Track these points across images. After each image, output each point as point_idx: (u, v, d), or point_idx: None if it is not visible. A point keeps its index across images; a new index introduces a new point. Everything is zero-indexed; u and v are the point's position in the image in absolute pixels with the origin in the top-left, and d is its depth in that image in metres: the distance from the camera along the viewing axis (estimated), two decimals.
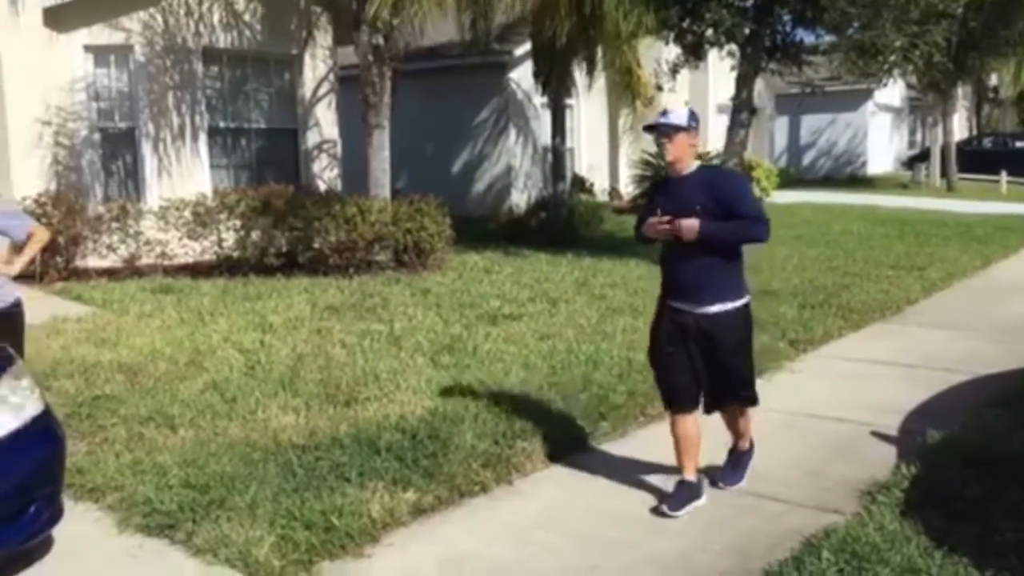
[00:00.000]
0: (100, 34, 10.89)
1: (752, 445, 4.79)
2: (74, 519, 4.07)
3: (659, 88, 15.11)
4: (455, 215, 11.78)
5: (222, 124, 12.00)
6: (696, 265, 4.29)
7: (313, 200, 11.11)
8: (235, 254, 10.79)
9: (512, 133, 17.66)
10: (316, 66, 12.70)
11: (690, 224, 4.19)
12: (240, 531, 3.99)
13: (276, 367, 6.57)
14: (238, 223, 10.78)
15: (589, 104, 19.40)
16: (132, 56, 11.09)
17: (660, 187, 4.63)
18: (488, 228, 14.96)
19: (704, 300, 4.31)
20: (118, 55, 11.11)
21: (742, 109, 11.45)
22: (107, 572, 3.83)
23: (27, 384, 3.87)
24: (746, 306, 4.42)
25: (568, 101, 16.57)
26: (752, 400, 4.61)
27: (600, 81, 17.34)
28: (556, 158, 15.66)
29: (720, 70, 17.55)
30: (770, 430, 5.65)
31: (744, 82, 11.47)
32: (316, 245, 10.89)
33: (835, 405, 6.08)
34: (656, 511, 4.38)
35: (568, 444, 5.20)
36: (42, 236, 4.99)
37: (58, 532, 3.94)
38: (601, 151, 20.62)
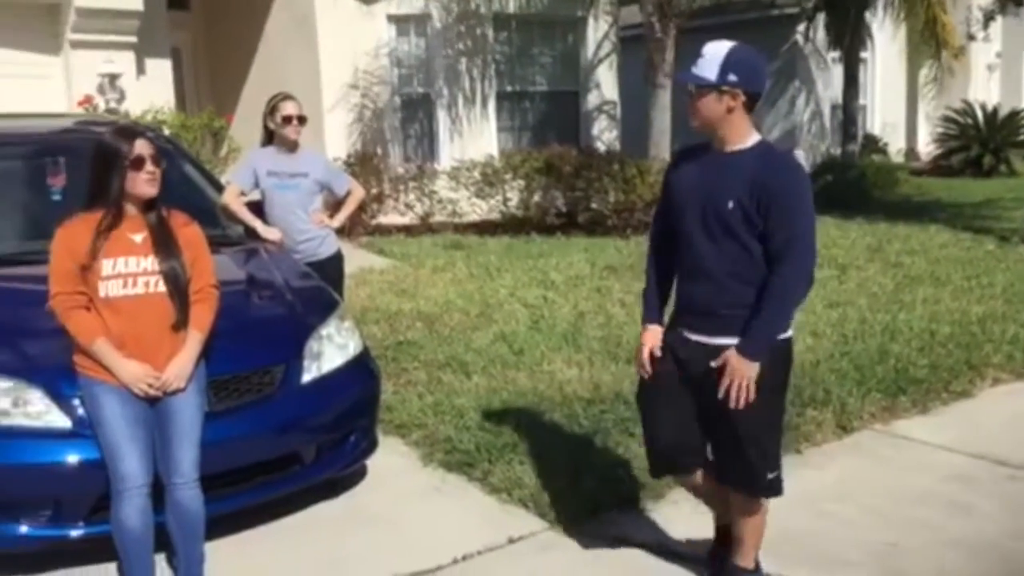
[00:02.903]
0: (402, 4, 11.61)
1: (759, 567, 3.28)
2: (383, 452, 4.42)
3: (971, 37, 13.77)
4: None
5: (508, 88, 12.42)
6: (720, 275, 2.93)
7: (593, 161, 11.25)
8: (519, 213, 11.20)
9: (798, 90, 16.85)
10: (599, 27, 12.79)
11: (736, 370, 2.88)
12: (531, 475, 4.18)
13: (559, 323, 6.76)
14: (522, 183, 11.16)
15: (885, 57, 18.07)
16: (430, 24, 11.74)
17: (688, 159, 3.10)
18: None
19: (722, 328, 2.96)
20: (417, 23, 11.80)
21: None
22: (415, 501, 4.14)
23: (349, 325, 4.26)
24: (786, 343, 3.01)
25: (862, 54, 15.55)
26: (768, 488, 3.07)
27: (899, 31, 16.08)
28: (847, 116, 14.83)
29: None
30: None
31: None
32: (594, 206, 11.05)
33: None
34: None
35: (861, 416, 4.95)
36: (359, 193, 5.43)
37: (371, 462, 4.33)
38: (897, 108, 19.15)
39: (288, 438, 3.83)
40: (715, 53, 2.87)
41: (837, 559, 3.59)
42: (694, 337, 3.00)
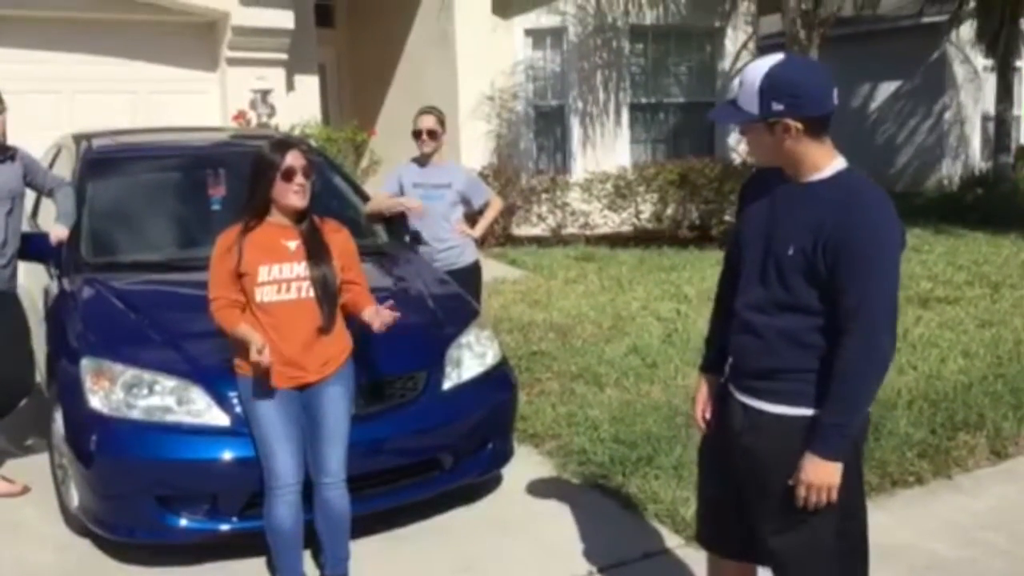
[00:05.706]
0: (539, 18, 11.73)
1: None
2: (518, 461, 4.47)
3: None
4: None
5: (643, 99, 12.36)
6: (767, 331, 2.42)
7: (730, 173, 11.06)
8: (651, 226, 11.12)
9: (944, 100, 16.13)
10: (737, 37, 12.59)
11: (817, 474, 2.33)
12: (667, 490, 4.14)
13: (693, 337, 6.65)
14: (655, 196, 11.08)
15: None
16: (566, 37, 11.80)
17: (760, 188, 2.52)
18: (912, 203, 13.84)
19: (776, 396, 2.43)
20: (553, 37, 11.89)
21: None
22: (549, 511, 4.16)
23: (488, 334, 4.34)
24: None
25: (1016, 63, 14.77)
26: None
27: None
28: (999, 127, 14.09)
29: None
30: None
31: None
32: (728, 218, 10.85)
33: None
34: None
35: (1017, 442, 4.70)
36: (498, 204, 5.54)
37: (506, 471, 4.38)
38: None
39: (429, 442, 3.93)
40: (752, 80, 2.31)
41: None
42: (738, 396, 2.52)
